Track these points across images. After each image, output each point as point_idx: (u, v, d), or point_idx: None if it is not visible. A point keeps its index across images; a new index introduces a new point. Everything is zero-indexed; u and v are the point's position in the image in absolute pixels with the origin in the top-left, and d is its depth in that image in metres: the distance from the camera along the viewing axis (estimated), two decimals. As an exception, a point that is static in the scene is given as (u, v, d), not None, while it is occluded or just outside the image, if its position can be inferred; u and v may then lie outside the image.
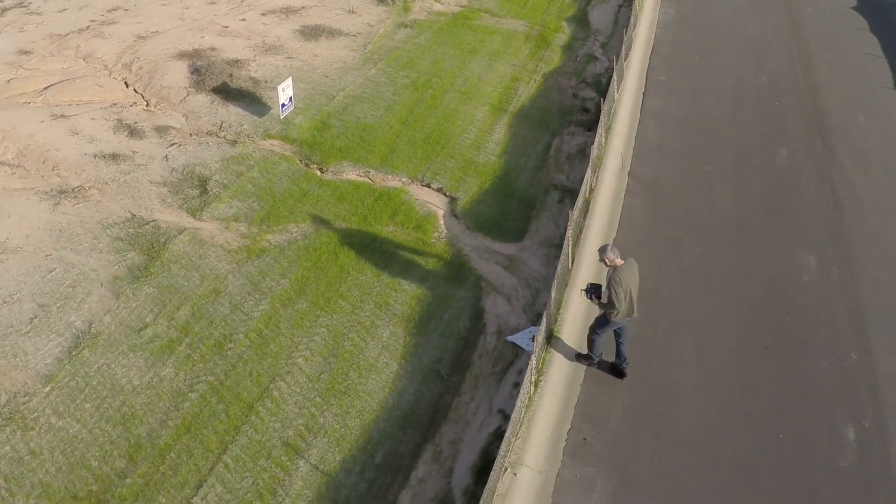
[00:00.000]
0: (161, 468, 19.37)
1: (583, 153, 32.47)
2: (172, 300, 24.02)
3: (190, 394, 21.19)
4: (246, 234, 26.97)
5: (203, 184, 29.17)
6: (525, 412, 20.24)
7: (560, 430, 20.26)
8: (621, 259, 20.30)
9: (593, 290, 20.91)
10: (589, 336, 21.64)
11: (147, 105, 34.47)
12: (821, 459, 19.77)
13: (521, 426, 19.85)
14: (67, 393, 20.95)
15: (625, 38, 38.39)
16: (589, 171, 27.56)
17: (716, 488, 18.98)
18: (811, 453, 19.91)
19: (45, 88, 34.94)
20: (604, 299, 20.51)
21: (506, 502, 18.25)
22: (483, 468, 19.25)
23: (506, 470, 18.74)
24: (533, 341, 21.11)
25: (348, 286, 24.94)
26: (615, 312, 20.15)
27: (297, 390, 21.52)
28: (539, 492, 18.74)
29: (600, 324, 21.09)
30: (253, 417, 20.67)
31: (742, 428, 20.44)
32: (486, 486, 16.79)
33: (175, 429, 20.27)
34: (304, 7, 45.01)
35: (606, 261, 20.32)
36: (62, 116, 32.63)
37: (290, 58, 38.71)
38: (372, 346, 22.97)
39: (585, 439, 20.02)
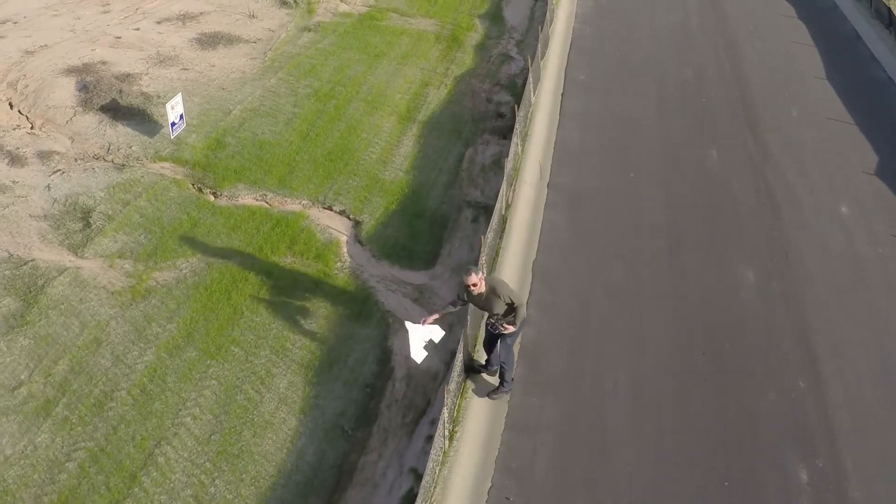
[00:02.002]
0: (33, 554, 17.31)
1: (498, 164, 30.46)
2: (50, 353, 21.74)
3: (67, 463, 18.98)
4: (131, 272, 24.75)
5: (86, 216, 26.90)
6: (439, 470, 18.26)
7: (479, 489, 18.20)
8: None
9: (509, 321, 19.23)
10: (505, 362, 20.06)
11: (32, 128, 32.02)
12: (773, 508, 18.07)
13: (435, 487, 17.86)
14: (-71, 467, 18.80)
15: (541, 35, 36.70)
16: (504, 186, 25.82)
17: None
18: (762, 501, 18.14)
19: (-82, 114, 32.35)
20: (518, 319, 19.16)
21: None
22: (394, 538, 17.07)
23: (420, 540, 16.61)
24: (424, 349, 18.98)
25: (242, 329, 22.82)
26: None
27: (185, 455, 19.35)
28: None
29: (509, 340, 19.77)
30: (136, 489, 18.47)
31: (685, 475, 18.62)
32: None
33: (50, 506, 18.10)
34: (202, 13, 42.66)
35: (476, 286, 18.75)
36: (-64, 144, 30.14)
37: (185, 69, 36.45)
38: (268, 400, 20.86)
39: (509, 499, 17.97)
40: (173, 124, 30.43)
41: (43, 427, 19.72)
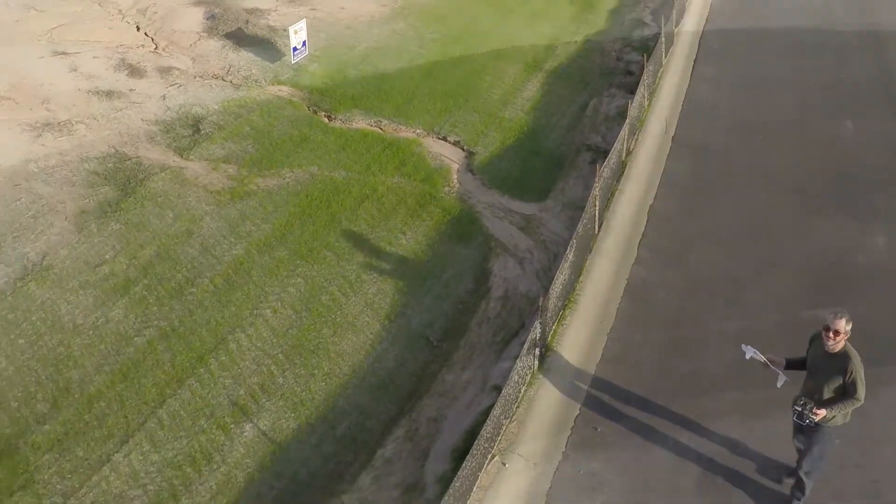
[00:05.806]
0: (86, 417, 16.58)
1: (623, 116, 28.65)
2: (138, 238, 21.29)
3: (136, 338, 18.33)
4: (234, 176, 24.23)
5: (197, 123, 26.65)
6: (525, 390, 16.87)
7: (566, 415, 16.71)
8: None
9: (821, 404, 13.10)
10: (810, 467, 13.96)
11: (156, 48, 32.08)
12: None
13: (517, 406, 16.48)
14: (2, 326, 18.36)
15: (676, 3, 35.73)
16: (625, 131, 24.45)
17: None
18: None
19: (53, 28, 32.56)
20: (842, 405, 13.03)
21: (488, 497, 14.82)
22: (467, 453, 15.62)
23: (493, 457, 15.37)
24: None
25: (337, 236, 21.92)
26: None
27: (259, 345, 18.47)
28: (531, 488, 15.20)
29: (826, 433, 13.49)
30: (202, 370, 17.71)
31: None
32: (461, 473, 13.38)
33: (111, 375, 17.42)
34: (340, -40, 42.20)
35: (840, 337, 12.79)
36: (63, 54, 30.21)
37: (314, 9, 36.09)
38: (354, 303, 19.78)
39: (597, 428, 16.39)
40: (295, 49, 30.14)
41: (118, 303, 19.21)
